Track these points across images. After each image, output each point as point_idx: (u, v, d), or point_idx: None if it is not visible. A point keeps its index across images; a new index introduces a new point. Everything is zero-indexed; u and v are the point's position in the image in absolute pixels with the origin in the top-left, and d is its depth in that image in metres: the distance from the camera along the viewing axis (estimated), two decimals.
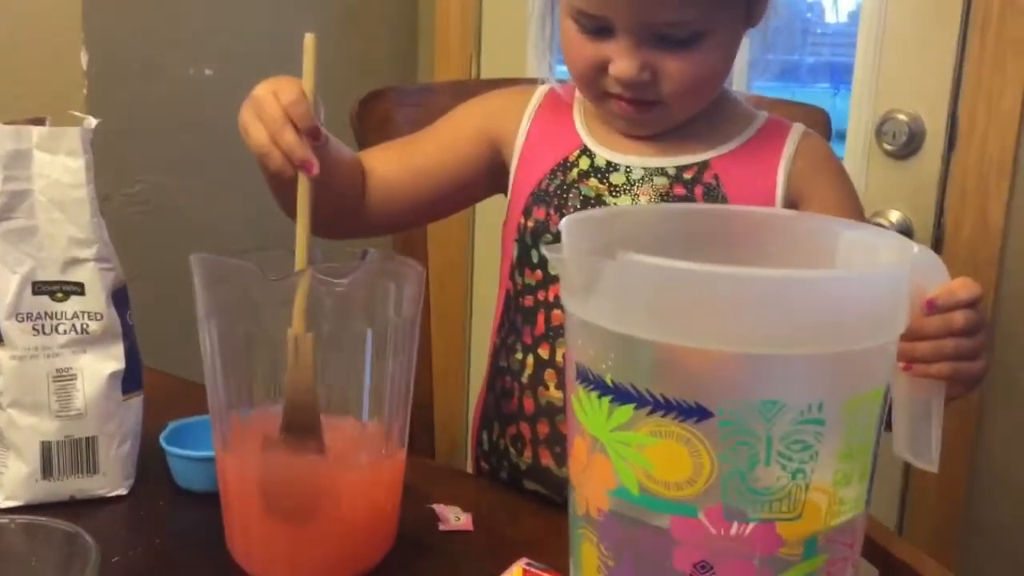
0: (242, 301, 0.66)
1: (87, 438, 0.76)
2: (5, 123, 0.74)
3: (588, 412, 0.54)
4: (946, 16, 1.29)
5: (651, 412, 0.51)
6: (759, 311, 0.50)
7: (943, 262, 0.60)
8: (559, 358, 0.86)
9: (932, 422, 0.61)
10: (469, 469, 1.01)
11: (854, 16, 1.42)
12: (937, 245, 1.33)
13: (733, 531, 0.51)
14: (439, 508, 0.78)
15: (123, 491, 0.78)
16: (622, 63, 0.81)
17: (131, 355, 0.78)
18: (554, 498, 0.87)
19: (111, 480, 0.78)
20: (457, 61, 1.72)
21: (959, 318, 0.64)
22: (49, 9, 1.29)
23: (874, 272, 0.56)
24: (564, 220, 0.58)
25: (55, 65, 1.30)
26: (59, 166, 0.74)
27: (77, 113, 0.77)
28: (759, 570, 0.52)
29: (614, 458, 0.53)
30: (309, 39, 0.71)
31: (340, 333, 0.67)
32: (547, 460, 0.88)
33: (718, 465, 0.50)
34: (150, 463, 0.81)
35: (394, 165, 0.93)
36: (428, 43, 1.76)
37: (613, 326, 0.52)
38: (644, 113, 0.85)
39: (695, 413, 0.50)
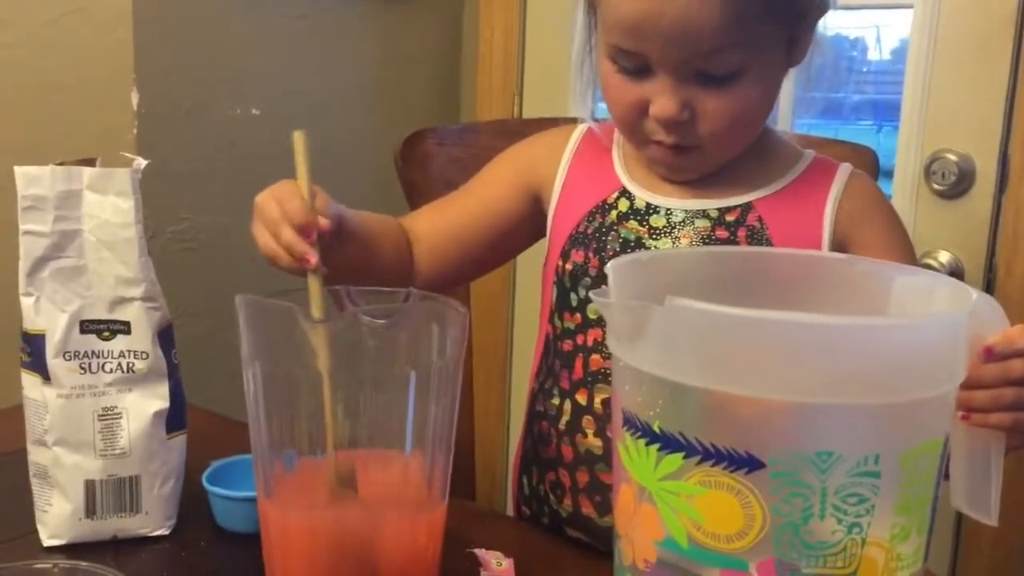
0: (286, 342, 0.66)
1: (130, 477, 0.76)
2: (56, 164, 0.75)
3: (635, 460, 0.53)
4: (995, 53, 1.27)
5: (701, 461, 0.50)
6: (811, 359, 0.48)
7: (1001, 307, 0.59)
8: (597, 404, 0.85)
9: (992, 473, 0.60)
10: (510, 512, 0.99)
11: (898, 53, 1.41)
12: (988, 287, 1.30)
13: None
14: (480, 553, 0.76)
15: (165, 531, 0.78)
16: (662, 101, 0.80)
17: (175, 394, 0.78)
18: (596, 546, 0.85)
19: (153, 520, 0.78)
20: (500, 100, 1.72)
21: (1018, 366, 0.61)
22: (101, 50, 1.32)
23: (931, 320, 0.55)
24: (610, 264, 0.57)
25: (106, 105, 1.33)
26: (109, 206, 0.75)
27: (127, 154, 0.78)
28: None
29: (662, 508, 0.52)
30: (298, 136, 0.71)
31: (383, 374, 0.67)
32: (588, 509, 0.86)
33: (770, 518, 0.49)
34: (192, 502, 0.81)
35: (437, 224, 0.94)
36: (471, 82, 1.78)
37: (661, 372, 0.51)
38: (683, 158, 0.84)
39: (747, 463, 0.49)
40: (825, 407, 0.49)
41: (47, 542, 0.76)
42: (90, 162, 0.77)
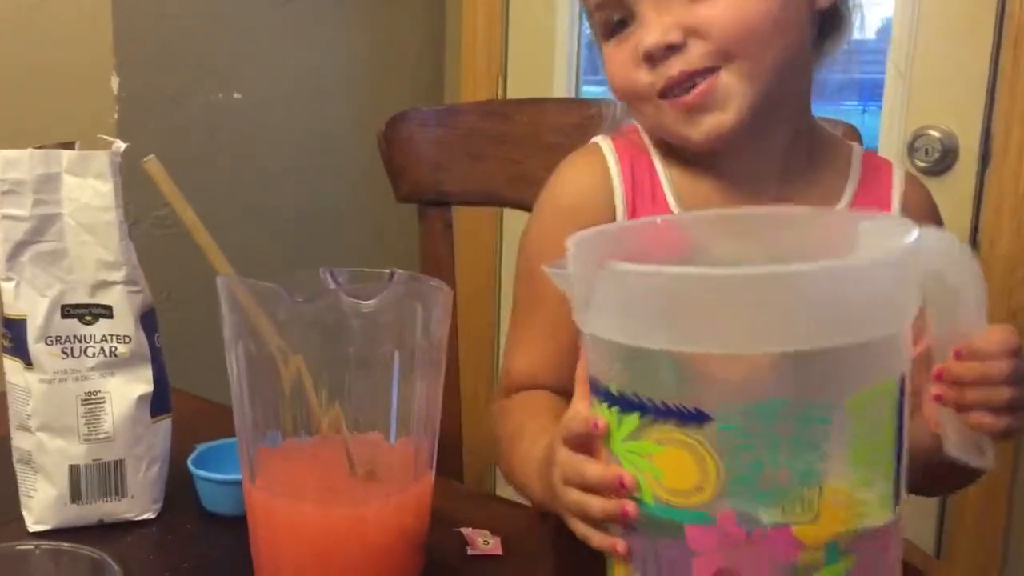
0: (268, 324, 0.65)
1: (115, 461, 0.76)
2: (36, 147, 0.74)
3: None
4: (978, 30, 1.27)
5: (654, 420, 0.50)
6: (744, 311, 0.48)
7: (966, 247, 0.56)
8: None
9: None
10: (498, 492, 0.99)
11: (883, 32, 1.41)
12: None
13: (748, 537, 0.50)
14: (468, 532, 0.77)
15: (151, 515, 0.78)
16: (641, 33, 0.74)
17: (159, 378, 0.78)
18: None
19: (139, 504, 0.77)
20: (483, 81, 1.72)
21: (1001, 367, 0.59)
22: (81, 35, 1.31)
23: (866, 260, 0.53)
24: (571, 237, 0.56)
25: (87, 90, 1.32)
26: (88, 190, 0.75)
27: (106, 137, 0.77)
28: (777, 574, 0.50)
29: (628, 468, 0.53)
30: (150, 162, 0.66)
31: (367, 354, 0.67)
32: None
33: (724, 471, 0.49)
34: (178, 486, 0.81)
35: (544, 361, 0.83)
36: (454, 64, 1.77)
37: (612, 336, 0.52)
38: (706, 98, 0.74)
39: (694, 418, 0.49)
40: (764, 358, 0.49)
41: (33, 527, 0.76)
42: (69, 146, 0.76)
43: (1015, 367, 0.60)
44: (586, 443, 0.57)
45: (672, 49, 0.74)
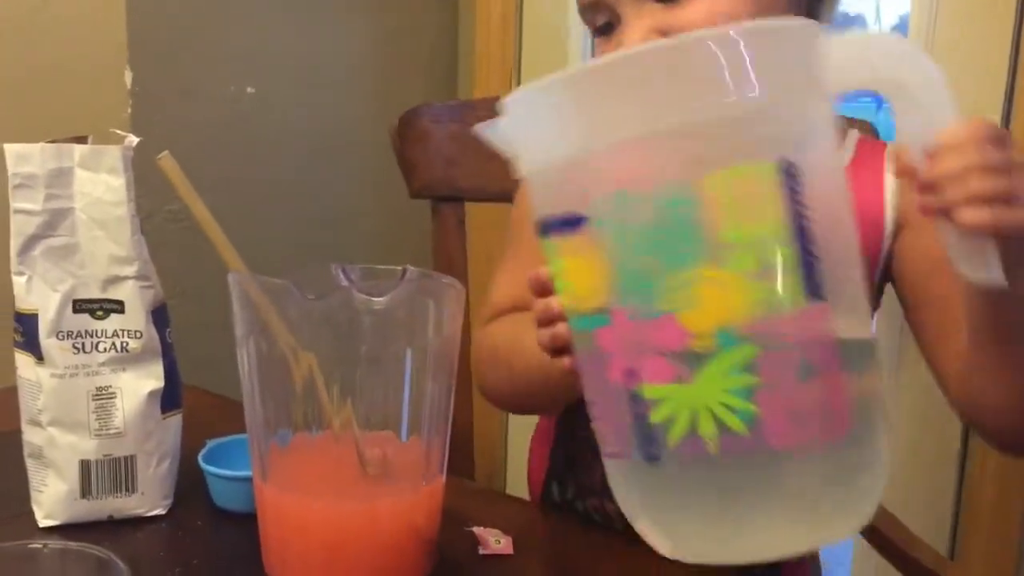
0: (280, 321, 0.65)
1: (126, 457, 0.76)
2: (48, 142, 0.74)
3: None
4: (996, 29, 1.26)
5: (554, 235, 0.54)
6: (594, 104, 0.51)
7: (917, 48, 0.54)
8: None
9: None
10: (508, 491, 0.99)
11: (898, 29, 1.40)
12: None
13: (638, 329, 0.51)
14: (479, 531, 0.76)
15: (161, 511, 0.78)
16: (624, 38, 0.74)
17: (170, 373, 0.78)
18: (607, 525, 0.84)
19: (149, 500, 0.77)
20: (497, 76, 1.71)
21: (972, 156, 0.52)
22: (94, 29, 1.30)
23: (694, 38, 0.51)
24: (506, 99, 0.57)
25: (100, 84, 1.32)
26: (101, 184, 0.74)
27: (119, 131, 0.77)
28: (676, 365, 0.50)
29: (558, 291, 0.57)
30: (165, 159, 0.67)
31: (379, 352, 0.66)
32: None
33: (608, 267, 0.51)
34: (188, 482, 0.80)
35: (526, 290, 0.85)
36: (468, 59, 1.76)
37: (524, 167, 0.55)
38: None
39: (571, 223, 0.52)
40: (616, 146, 0.50)
41: (43, 523, 0.75)
42: (82, 140, 0.76)
43: (989, 155, 0.54)
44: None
45: None
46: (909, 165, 0.54)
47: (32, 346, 0.74)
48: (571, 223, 0.52)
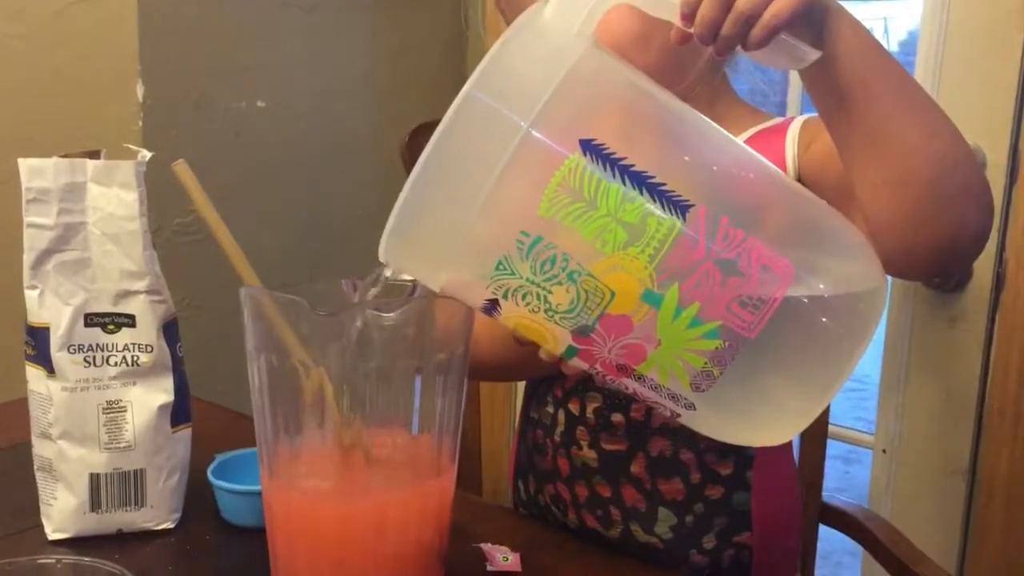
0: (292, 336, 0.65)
1: (135, 471, 0.76)
2: (61, 156, 0.74)
3: None
4: (1006, 45, 1.26)
5: (491, 316, 0.59)
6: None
7: None
8: (589, 414, 0.85)
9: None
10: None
11: (907, 45, 1.40)
12: (998, 281, 1.29)
13: (599, 340, 0.56)
14: (487, 548, 0.76)
15: (170, 524, 0.78)
16: None
17: (180, 387, 0.78)
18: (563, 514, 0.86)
19: (158, 513, 0.77)
20: None
21: None
22: (106, 43, 1.31)
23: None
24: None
25: (112, 98, 1.32)
26: (113, 199, 0.75)
27: (131, 146, 0.78)
28: (639, 341, 0.55)
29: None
30: (180, 166, 0.68)
31: (389, 368, 0.66)
32: (593, 523, 0.86)
33: (542, 322, 0.56)
34: (197, 496, 0.81)
35: None
36: None
37: None
38: None
39: (490, 309, 0.58)
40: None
41: (52, 536, 0.76)
42: (94, 154, 0.77)
43: None
44: None
45: None
46: (682, 32, 0.59)
47: (43, 359, 0.74)
48: (491, 308, 0.58)
